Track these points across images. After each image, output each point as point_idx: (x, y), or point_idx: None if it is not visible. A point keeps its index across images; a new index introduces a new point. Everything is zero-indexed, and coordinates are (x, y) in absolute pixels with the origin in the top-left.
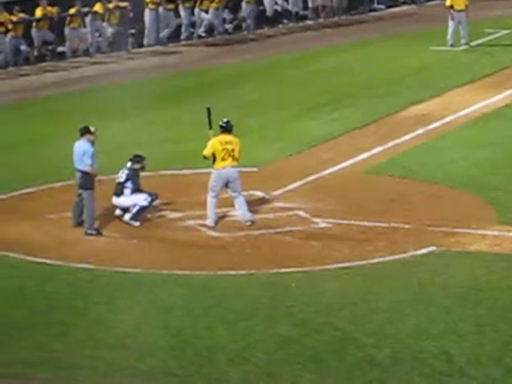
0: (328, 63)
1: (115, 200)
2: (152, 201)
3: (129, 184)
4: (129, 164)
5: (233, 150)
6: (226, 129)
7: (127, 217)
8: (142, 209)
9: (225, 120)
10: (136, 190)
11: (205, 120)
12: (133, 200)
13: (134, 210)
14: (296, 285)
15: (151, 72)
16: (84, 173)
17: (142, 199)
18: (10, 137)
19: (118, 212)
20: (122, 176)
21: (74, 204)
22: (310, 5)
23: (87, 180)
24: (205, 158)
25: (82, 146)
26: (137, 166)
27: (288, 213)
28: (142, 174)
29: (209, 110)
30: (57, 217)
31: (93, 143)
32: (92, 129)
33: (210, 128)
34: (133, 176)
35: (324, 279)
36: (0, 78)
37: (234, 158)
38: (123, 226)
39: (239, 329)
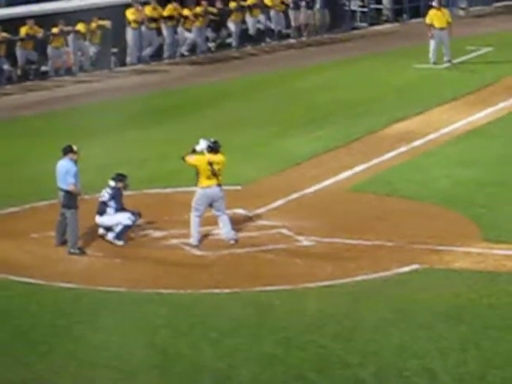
0: (311, 81)
1: (98, 219)
2: (135, 220)
3: (112, 203)
4: (111, 183)
5: (219, 170)
6: (214, 149)
7: (111, 236)
8: (126, 228)
9: (212, 140)
10: (119, 208)
11: (192, 139)
12: (116, 219)
13: (118, 229)
14: (280, 303)
15: (134, 90)
16: (67, 192)
17: (125, 218)
18: None
19: (101, 231)
20: (104, 195)
21: (57, 223)
22: (292, 23)
23: (70, 199)
24: (182, 159)
25: (64, 165)
26: (119, 184)
27: (271, 231)
28: (125, 192)
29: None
30: (40, 236)
31: (75, 162)
32: (75, 148)
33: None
34: (116, 195)
35: (307, 297)
36: None
37: (218, 177)
38: (106, 245)
39: (224, 347)
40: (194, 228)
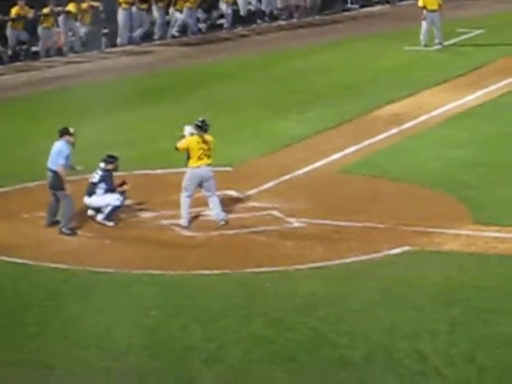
0: (302, 63)
1: (87, 200)
2: (124, 200)
3: (102, 185)
4: (102, 165)
5: (209, 150)
6: (202, 128)
7: (100, 217)
8: (115, 208)
9: (200, 119)
10: (109, 190)
11: (183, 120)
12: (104, 200)
13: (107, 210)
14: (270, 284)
15: (124, 71)
16: (55, 173)
17: (114, 199)
18: None
19: (90, 212)
20: (95, 176)
21: (49, 204)
22: (278, 5)
23: (57, 180)
24: (176, 149)
25: (58, 146)
26: (110, 166)
27: (262, 212)
28: (115, 173)
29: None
30: (31, 216)
31: (72, 144)
32: (71, 130)
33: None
34: (105, 177)
35: (298, 279)
36: None
37: (209, 157)
38: (96, 226)
39: (213, 328)
40: (184, 209)
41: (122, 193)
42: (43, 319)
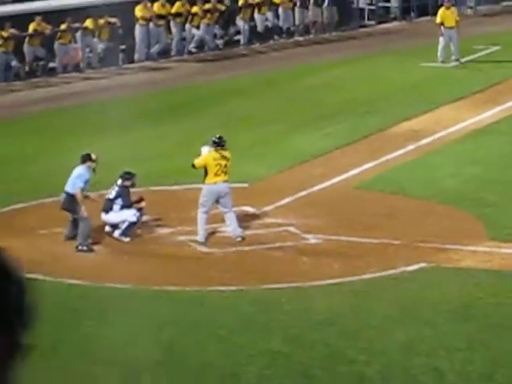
0: (319, 79)
1: (104, 216)
2: (141, 216)
3: (118, 201)
4: (119, 181)
5: (225, 166)
6: (219, 144)
7: (117, 233)
8: (131, 225)
9: (217, 136)
10: (125, 206)
11: (200, 137)
12: (121, 216)
13: (124, 226)
14: (286, 300)
15: (142, 88)
16: (71, 196)
17: (130, 215)
18: (0, 152)
19: (107, 229)
20: (111, 193)
21: (69, 220)
22: (296, 21)
23: (72, 203)
24: (193, 167)
25: (79, 170)
26: (127, 183)
27: (279, 228)
28: (132, 189)
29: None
30: (48, 232)
31: (94, 170)
32: (93, 156)
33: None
34: (122, 193)
35: (314, 295)
36: None
37: (226, 174)
38: (113, 242)
39: (230, 345)
40: (200, 225)
41: (139, 209)
42: (60, 335)
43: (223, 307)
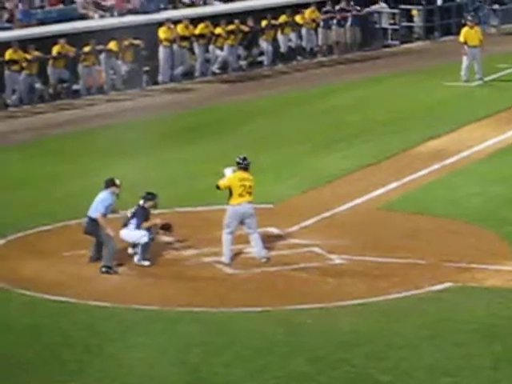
0: (342, 99)
1: (120, 232)
2: (151, 234)
3: (134, 220)
4: (141, 202)
5: (250, 187)
6: (243, 166)
7: (136, 259)
8: (146, 246)
9: (241, 157)
10: (139, 227)
11: (224, 158)
12: (133, 236)
13: (139, 250)
14: (312, 321)
15: (165, 109)
16: (93, 220)
17: (141, 237)
18: (25, 174)
19: (130, 251)
20: (131, 211)
21: (93, 242)
22: (319, 42)
23: (94, 227)
24: (218, 188)
25: (103, 195)
26: (149, 203)
27: (303, 249)
28: (157, 211)
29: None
30: (72, 254)
31: (117, 196)
32: (117, 181)
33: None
34: (139, 213)
35: (339, 315)
36: (15, 115)
37: (250, 195)
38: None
39: (255, 366)
40: (225, 246)
41: (148, 228)
42: (84, 357)
43: (248, 328)
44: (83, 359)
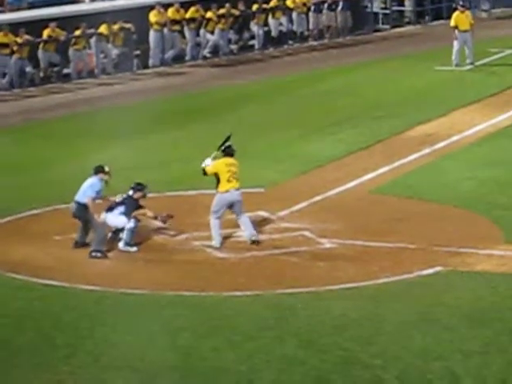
0: (333, 84)
1: (103, 215)
2: (136, 222)
3: (121, 207)
4: (130, 192)
5: (235, 173)
6: (228, 153)
7: (121, 245)
8: (130, 231)
9: (226, 144)
10: (126, 214)
11: (215, 142)
12: (117, 221)
13: (125, 236)
14: (302, 305)
15: (156, 93)
16: (82, 205)
17: (125, 222)
18: (15, 158)
19: (109, 235)
20: (119, 198)
21: (79, 227)
22: (310, 26)
23: (83, 212)
24: (204, 173)
25: (91, 180)
26: (138, 194)
27: (294, 233)
28: (148, 195)
29: (229, 137)
30: (63, 238)
31: (106, 183)
32: (106, 168)
33: (219, 150)
34: (128, 203)
35: (330, 299)
36: (5, 99)
37: (237, 180)
38: None
39: (245, 350)
40: (214, 230)
41: (135, 217)
42: (75, 341)
43: (238, 312)
44: (74, 343)
